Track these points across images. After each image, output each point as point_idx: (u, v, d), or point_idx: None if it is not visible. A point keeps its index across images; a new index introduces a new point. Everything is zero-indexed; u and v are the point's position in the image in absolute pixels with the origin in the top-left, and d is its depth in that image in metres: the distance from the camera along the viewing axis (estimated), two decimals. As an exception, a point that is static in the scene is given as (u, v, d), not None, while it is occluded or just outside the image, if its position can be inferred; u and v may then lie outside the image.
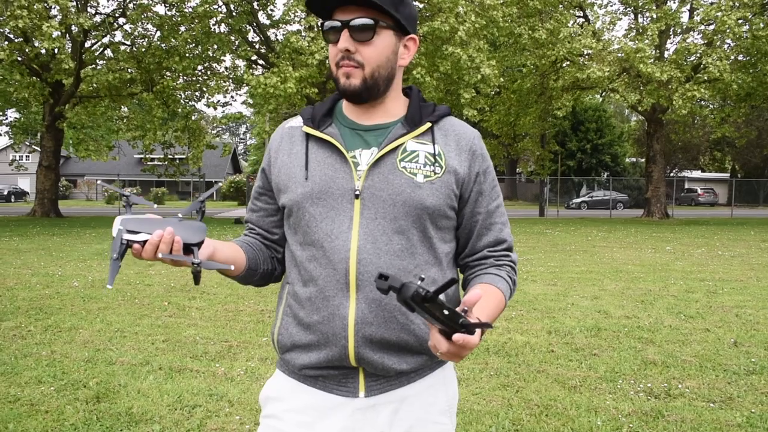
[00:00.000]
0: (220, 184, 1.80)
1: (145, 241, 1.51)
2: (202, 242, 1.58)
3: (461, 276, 1.89)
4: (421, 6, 25.39)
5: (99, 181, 1.81)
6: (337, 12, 1.69)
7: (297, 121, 1.85)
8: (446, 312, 1.34)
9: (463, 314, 1.37)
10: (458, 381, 1.91)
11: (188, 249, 1.56)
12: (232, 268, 1.65)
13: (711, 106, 34.68)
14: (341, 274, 1.66)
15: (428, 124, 1.76)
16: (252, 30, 28.53)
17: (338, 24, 1.67)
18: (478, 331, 1.40)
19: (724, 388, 5.31)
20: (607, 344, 6.67)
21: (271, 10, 28.47)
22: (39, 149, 30.66)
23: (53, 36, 21.38)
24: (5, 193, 57.62)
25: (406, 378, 1.74)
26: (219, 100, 32.91)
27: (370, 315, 1.66)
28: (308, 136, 1.78)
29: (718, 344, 6.70)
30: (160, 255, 1.51)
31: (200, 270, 1.54)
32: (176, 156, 32.90)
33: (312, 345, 1.72)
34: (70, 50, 26.21)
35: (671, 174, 55.41)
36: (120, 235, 1.50)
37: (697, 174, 63.45)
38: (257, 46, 28.84)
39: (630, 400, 5.01)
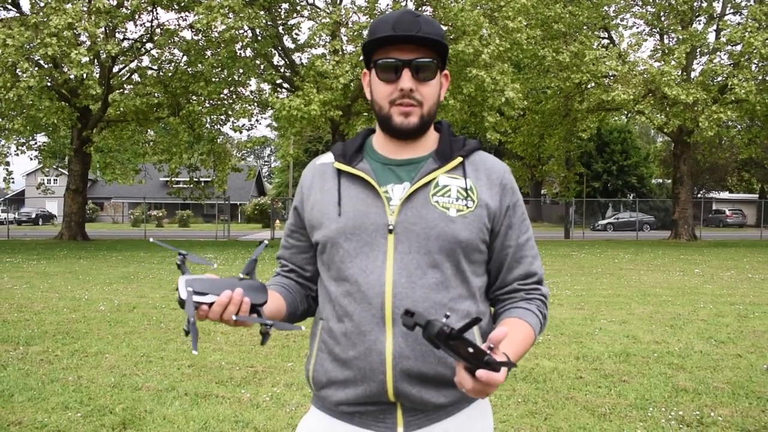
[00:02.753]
0: (266, 242, 1.78)
1: (211, 303, 1.50)
2: (265, 302, 1.59)
3: (492, 309, 1.87)
4: (444, 29, 25.39)
5: (151, 239, 1.75)
6: (391, 50, 1.68)
7: (328, 158, 1.85)
8: (471, 349, 1.35)
9: (488, 351, 1.38)
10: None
11: (253, 309, 1.56)
12: (303, 328, 1.70)
13: (738, 127, 34.31)
14: (377, 308, 1.66)
15: (459, 159, 1.76)
16: (277, 54, 28.72)
17: (399, 63, 1.67)
18: (504, 368, 1.40)
19: (758, 416, 5.19)
20: (637, 370, 6.57)
21: (296, 34, 28.72)
22: (67, 173, 31.00)
23: (82, 62, 21.63)
24: (33, 216, 58.34)
25: (444, 412, 1.72)
26: (244, 124, 33.16)
27: (407, 349, 1.64)
28: (340, 172, 1.78)
29: (750, 370, 6.57)
30: (234, 317, 1.51)
31: (270, 331, 1.55)
32: (201, 179, 33.13)
33: (349, 381, 1.70)
34: (98, 75, 26.52)
35: (698, 195, 54.87)
36: (191, 297, 1.48)
37: (724, 195, 62.82)
38: (282, 70, 29.02)
39: (662, 429, 4.91)
